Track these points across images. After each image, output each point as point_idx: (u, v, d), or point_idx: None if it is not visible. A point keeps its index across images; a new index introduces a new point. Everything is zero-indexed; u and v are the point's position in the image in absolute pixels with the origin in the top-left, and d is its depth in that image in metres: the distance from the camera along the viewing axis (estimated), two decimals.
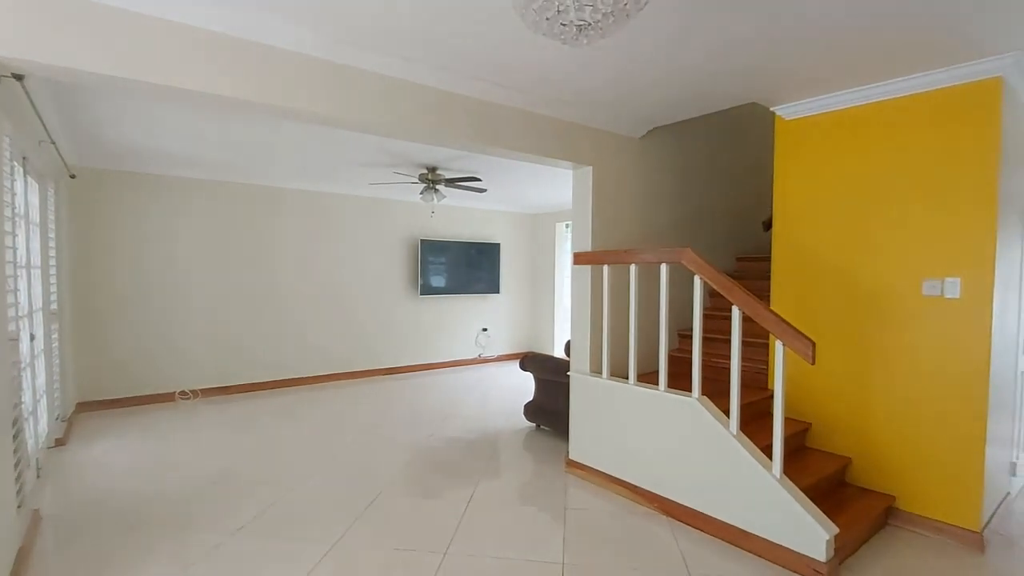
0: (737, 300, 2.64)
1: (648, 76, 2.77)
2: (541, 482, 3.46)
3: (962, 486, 2.66)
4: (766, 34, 2.31)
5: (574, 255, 3.54)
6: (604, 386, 3.33)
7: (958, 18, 2.14)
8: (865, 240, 2.99)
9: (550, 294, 8.16)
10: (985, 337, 2.58)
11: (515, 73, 2.74)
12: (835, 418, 3.13)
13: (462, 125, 2.87)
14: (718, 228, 4.56)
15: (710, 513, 2.74)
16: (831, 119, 3.10)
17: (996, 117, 2.54)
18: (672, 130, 4.00)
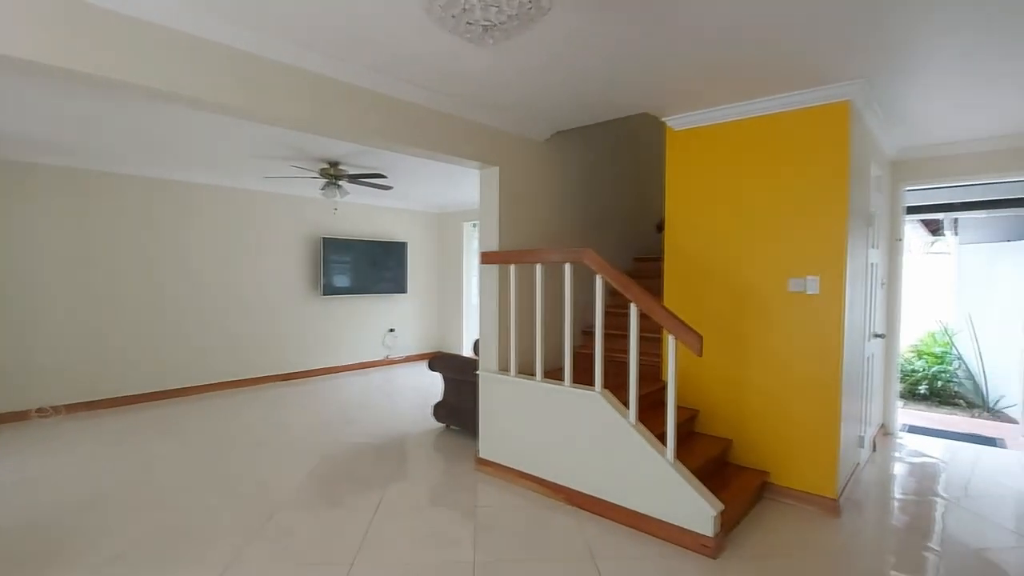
0: (634, 298, 2.80)
1: (548, 81, 2.85)
2: (451, 482, 3.45)
3: (821, 460, 3.03)
4: (651, 50, 2.46)
5: (481, 255, 3.56)
6: (512, 384, 3.39)
7: (811, 48, 2.42)
8: (741, 242, 3.29)
9: (458, 293, 8.16)
10: (839, 327, 2.95)
11: (421, 69, 2.70)
12: (718, 404, 3.42)
13: (365, 120, 2.77)
14: (617, 229, 4.80)
15: (612, 500, 2.90)
16: (713, 131, 3.38)
17: (845, 136, 2.91)
18: (575, 135, 4.15)
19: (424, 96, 2.97)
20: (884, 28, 2.23)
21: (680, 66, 2.65)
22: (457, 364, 4.39)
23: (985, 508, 3.13)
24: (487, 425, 3.55)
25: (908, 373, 6.00)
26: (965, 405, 5.69)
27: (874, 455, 4.02)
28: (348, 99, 2.69)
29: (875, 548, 2.69)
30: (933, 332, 6.41)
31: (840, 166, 2.93)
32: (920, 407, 5.68)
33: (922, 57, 2.53)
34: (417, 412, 5.09)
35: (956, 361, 6.03)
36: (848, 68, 2.66)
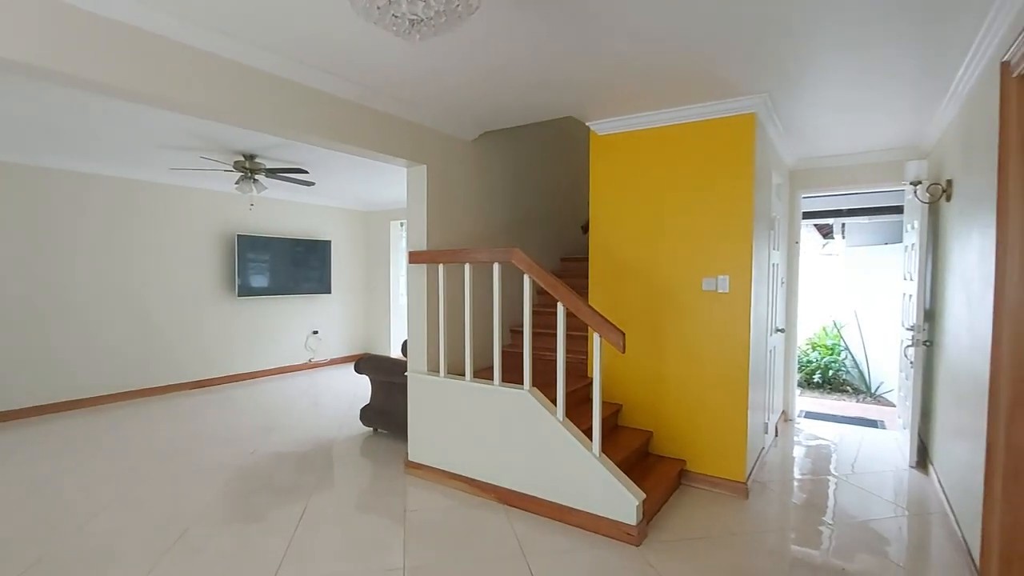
0: (561, 297, 2.88)
1: (473, 81, 2.87)
2: (380, 487, 3.38)
3: (732, 447, 3.26)
4: (574, 56, 2.54)
5: (409, 254, 3.52)
6: (441, 384, 3.37)
7: (721, 63, 2.61)
8: (661, 244, 3.47)
9: (386, 293, 7.98)
10: (747, 323, 3.19)
11: (345, 62, 2.62)
12: (640, 398, 3.59)
13: (286, 112, 2.64)
14: (545, 230, 4.90)
15: (542, 496, 2.96)
16: (634, 137, 3.54)
17: (751, 146, 3.15)
18: (504, 135, 4.19)
19: (349, 90, 2.88)
20: (782, 50, 2.45)
21: (601, 73, 2.76)
22: (385, 366, 4.30)
23: (869, 483, 3.51)
24: (416, 427, 3.51)
25: (804, 364, 6.59)
26: (852, 391, 6.34)
27: (776, 440, 4.38)
28: (268, 89, 2.56)
29: (779, 525, 2.94)
30: (825, 326, 7.07)
31: (746, 174, 3.17)
32: (815, 394, 6.26)
33: (814, 79, 2.80)
34: (343, 416, 4.93)
35: (844, 352, 6.69)
36: (753, 83, 2.88)
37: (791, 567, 2.51)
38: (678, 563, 2.50)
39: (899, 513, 3.10)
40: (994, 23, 2.10)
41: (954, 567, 2.49)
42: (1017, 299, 1.93)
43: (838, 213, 6.20)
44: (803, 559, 2.59)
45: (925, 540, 2.82)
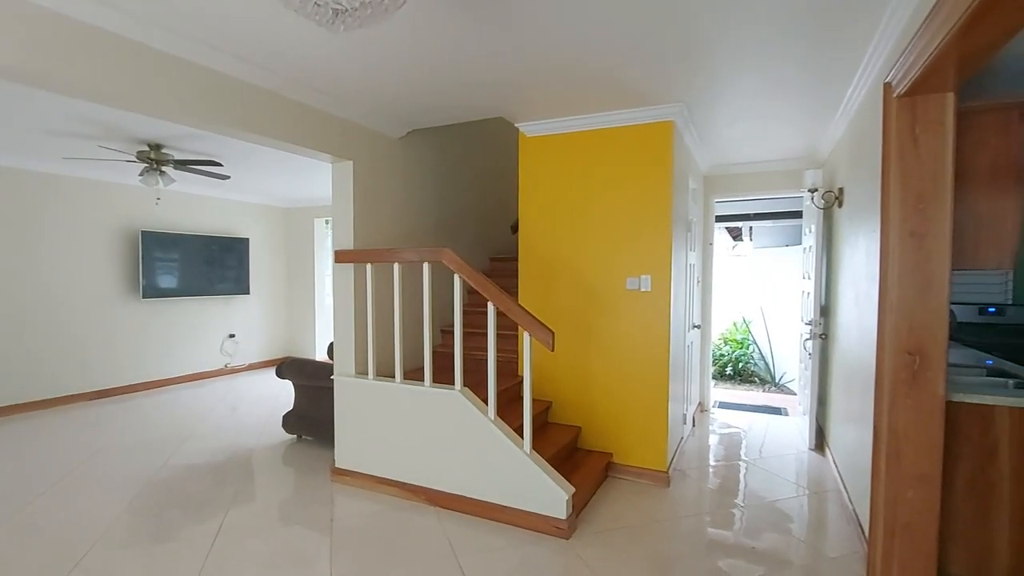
0: (492, 297, 2.90)
1: (399, 77, 2.82)
2: (304, 497, 3.24)
3: (654, 438, 3.43)
4: (501, 58, 2.57)
5: (335, 253, 3.40)
6: (370, 387, 3.29)
7: (639, 74, 2.73)
8: (588, 244, 3.58)
9: (310, 294, 7.66)
10: (666, 320, 3.36)
11: (265, 51, 2.48)
12: (569, 394, 3.68)
13: (198, 101, 2.47)
14: (475, 229, 4.91)
15: (473, 495, 2.96)
16: (562, 139, 3.62)
17: (669, 152, 3.32)
18: (433, 133, 4.15)
19: (266, 79, 2.74)
20: (694, 65, 2.61)
21: (529, 77, 2.80)
22: (309, 369, 4.13)
23: (774, 466, 3.81)
24: (344, 432, 3.40)
25: (718, 357, 7.04)
26: (759, 382, 6.85)
27: (694, 429, 4.65)
28: (169, 73, 2.37)
29: (696, 510, 3.13)
30: (736, 322, 7.58)
31: (666, 179, 3.34)
32: (727, 385, 6.71)
33: (723, 92, 3.00)
34: (264, 424, 4.68)
35: (752, 346, 7.22)
36: (671, 94, 3.04)
37: (707, 549, 2.67)
38: (605, 553, 2.60)
39: (800, 492, 3.39)
40: (878, 48, 2.34)
41: (847, 538, 2.76)
42: (897, 297, 2.17)
43: (746, 217, 6.69)
44: (718, 541, 2.77)
45: (823, 516, 3.10)
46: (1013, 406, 2.13)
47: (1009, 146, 2.19)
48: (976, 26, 1.51)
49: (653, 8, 2.09)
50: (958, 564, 2.22)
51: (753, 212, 6.46)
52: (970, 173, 2.20)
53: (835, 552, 2.63)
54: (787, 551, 2.65)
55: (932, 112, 2.08)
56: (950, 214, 2.07)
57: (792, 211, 6.05)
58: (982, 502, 2.19)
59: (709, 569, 2.48)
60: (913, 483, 2.16)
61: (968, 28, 1.52)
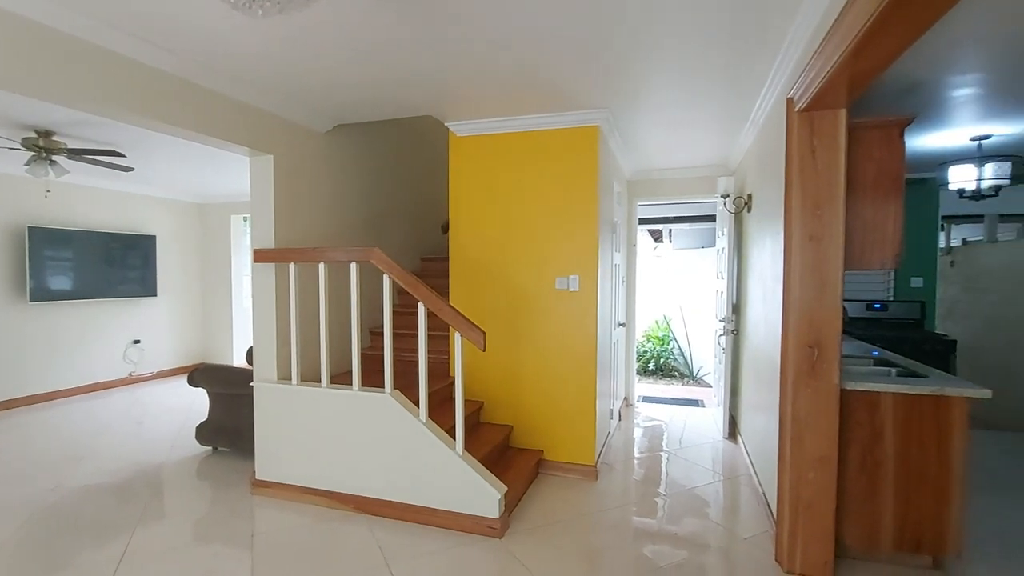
0: (422, 297, 2.87)
1: (321, 69, 2.72)
2: (221, 512, 3.05)
3: (583, 433, 3.53)
4: (428, 56, 2.56)
5: (254, 252, 3.22)
6: (294, 393, 3.15)
7: (568, 77, 2.81)
8: (518, 245, 3.62)
9: (227, 296, 7.20)
10: (594, 319, 3.47)
11: (170, 32, 2.31)
12: (501, 394, 3.71)
13: (81, 80, 2.23)
14: (405, 229, 4.83)
15: (405, 500, 2.92)
16: (493, 140, 3.64)
17: (595, 155, 3.43)
18: (361, 130, 4.03)
19: (175, 64, 2.55)
20: (617, 74, 2.72)
21: (459, 77, 2.80)
22: (226, 376, 3.88)
23: (693, 456, 4.04)
24: (265, 441, 3.23)
25: (641, 354, 7.35)
26: (679, 376, 7.23)
27: (620, 423, 4.83)
28: (56, 52, 2.15)
29: (623, 501, 3.25)
30: (657, 320, 7.95)
31: (592, 181, 3.45)
32: (650, 380, 7.03)
33: (645, 101, 3.15)
34: (175, 436, 4.35)
35: (672, 342, 7.60)
36: (596, 99, 3.14)
37: (634, 538, 2.79)
38: (537, 549, 2.64)
39: (716, 479, 3.61)
40: (781, 66, 2.54)
41: (758, 519, 2.97)
42: (799, 295, 2.36)
43: (667, 220, 7.04)
44: (643, 529, 2.90)
45: (736, 499, 3.32)
46: (896, 392, 2.39)
47: (891, 159, 2.45)
48: (863, 50, 1.68)
49: (577, 16, 2.15)
50: (851, 536, 2.46)
51: (673, 215, 6.81)
52: (858, 183, 2.44)
53: (748, 532, 2.83)
54: (705, 535, 2.82)
55: (827, 126, 2.29)
56: (842, 220, 2.29)
57: (708, 215, 6.43)
58: (871, 480, 2.44)
59: (635, 557, 2.59)
60: (814, 465, 2.37)
61: (857, 52, 1.68)
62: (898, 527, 2.42)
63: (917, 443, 2.38)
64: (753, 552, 2.63)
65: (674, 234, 8.14)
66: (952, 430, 2.34)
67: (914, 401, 2.37)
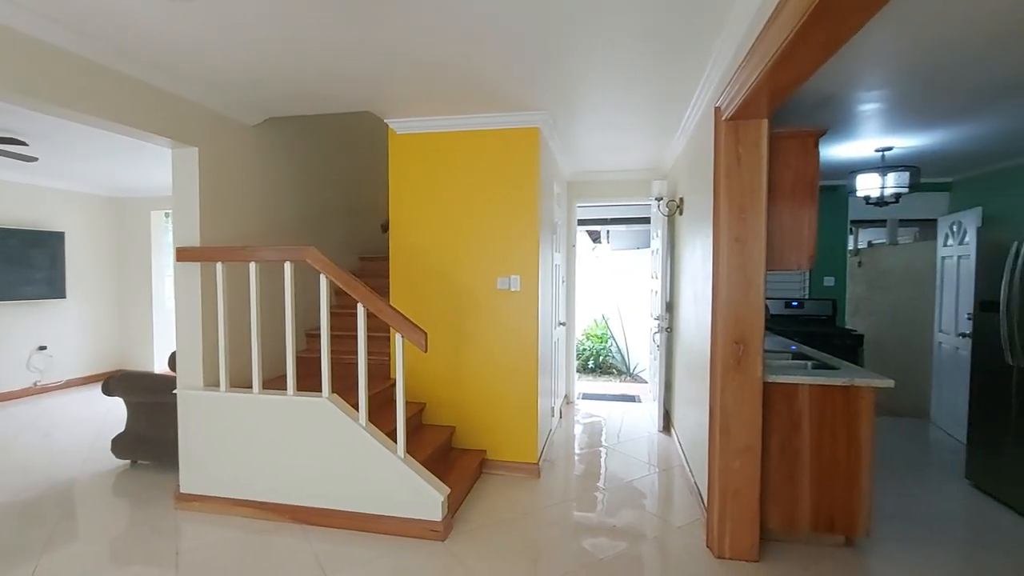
0: (361, 298, 2.80)
1: (254, 59, 2.61)
2: (142, 530, 2.85)
3: (525, 432, 3.57)
4: (365, 52, 2.51)
5: (177, 250, 3.03)
6: (223, 400, 2.99)
7: (508, 81, 2.83)
8: (459, 244, 3.61)
9: (147, 297, 6.72)
10: (535, 318, 3.52)
11: (81, 12, 2.14)
12: (443, 395, 3.69)
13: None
14: (343, 227, 4.69)
15: (345, 508, 2.84)
16: (434, 138, 3.61)
17: (536, 157, 3.48)
18: (295, 124, 3.88)
19: (87, 47, 2.36)
20: (556, 79, 2.77)
21: (398, 74, 2.75)
22: (146, 384, 3.63)
23: (630, 449, 4.18)
24: (191, 453, 3.05)
25: (581, 352, 7.52)
26: (617, 373, 7.45)
27: (561, 421, 4.92)
28: None
29: (564, 496, 3.31)
30: (596, 319, 8.16)
31: (533, 182, 3.49)
32: (589, 378, 7.20)
33: (583, 105, 3.23)
34: (88, 450, 4.02)
35: (610, 340, 7.82)
36: (537, 102, 3.19)
37: (575, 532, 2.85)
38: (480, 549, 2.65)
39: (652, 471, 3.75)
40: (710, 76, 2.68)
41: (690, 508, 3.12)
42: (726, 294, 2.50)
43: (604, 221, 7.24)
44: (583, 523, 2.97)
45: (670, 489, 3.47)
46: (811, 384, 2.58)
47: (807, 167, 2.64)
48: (782, 65, 1.80)
49: (517, 21, 2.18)
50: (773, 519, 2.63)
51: (610, 217, 7.01)
52: (778, 189, 2.61)
53: (681, 521, 2.97)
54: (642, 525, 2.93)
55: (751, 135, 2.44)
56: (764, 223, 2.45)
57: (644, 217, 6.66)
58: (790, 466, 2.61)
59: (576, 551, 2.65)
60: (740, 454, 2.52)
61: (777, 67, 1.80)
62: (814, 509, 2.61)
63: (830, 431, 2.58)
64: (686, 540, 2.76)
65: (612, 235, 8.39)
66: (860, 418, 2.55)
67: (827, 392, 2.57)
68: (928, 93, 2.84)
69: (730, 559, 2.54)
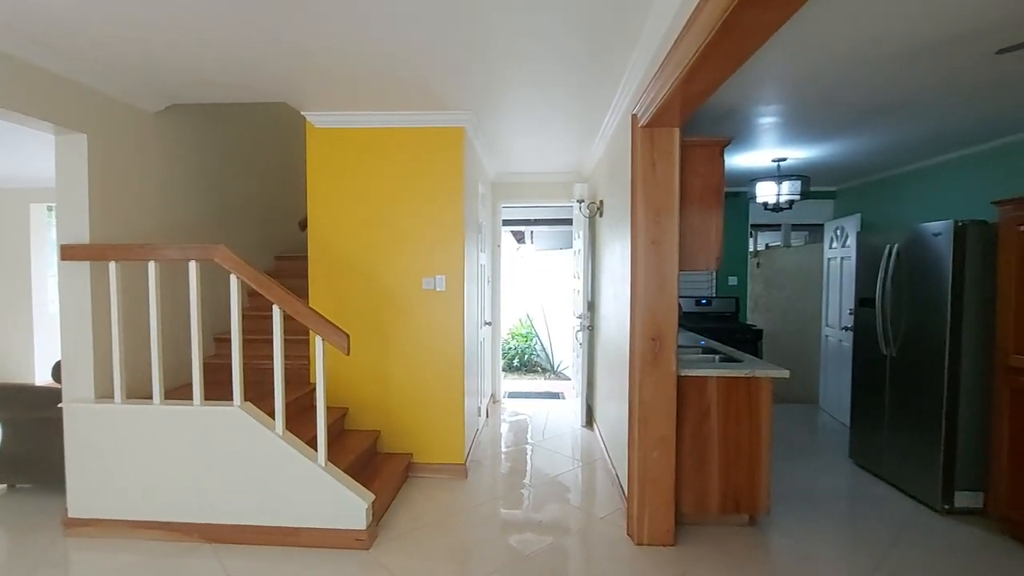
0: (277, 299, 2.66)
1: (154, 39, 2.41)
2: (24, 562, 2.54)
3: (452, 432, 3.55)
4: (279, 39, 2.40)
5: (62, 248, 2.72)
6: (119, 413, 2.72)
7: (432, 80, 2.82)
8: (383, 244, 3.53)
9: (24, 300, 5.97)
10: (460, 318, 3.51)
11: None
12: (367, 399, 3.59)
13: None
14: (258, 225, 4.43)
15: (262, 523, 2.68)
16: (356, 134, 3.50)
17: (460, 156, 3.47)
18: (204, 112, 3.62)
19: None
20: (481, 79, 2.80)
21: (318, 64, 2.65)
22: (24, 398, 3.23)
23: (555, 445, 4.28)
24: (80, 472, 2.75)
25: (506, 351, 7.60)
26: (542, 371, 7.61)
27: (488, 420, 4.95)
28: None
29: (491, 495, 3.34)
30: (521, 318, 8.28)
31: (457, 182, 3.49)
32: (515, 376, 7.30)
33: (507, 108, 3.28)
34: None
35: (535, 339, 7.97)
36: (462, 101, 3.19)
37: (501, 530, 2.88)
38: (408, 554, 2.60)
39: (576, 465, 3.87)
40: (627, 85, 2.81)
41: (612, 499, 3.25)
42: (643, 293, 2.63)
43: (528, 222, 7.37)
44: (510, 520, 3.00)
45: (593, 482, 3.59)
46: (719, 376, 2.77)
47: (714, 174, 2.84)
48: (692, 78, 1.92)
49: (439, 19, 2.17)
50: (687, 504, 2.81)
51: (534, 218, 7.14)
52: (688, 194, 2.79)
53: (604, 512, 3.08)
54: (567, 519, 3.01)
55: (665, 143, 2.58)
56: (677, 226, 2.60)
57: (567, 218, 6.85)
58: (701, 454, 2.80)
59: (504, 548, 2.68)
60: (657, 444, 2.66)
61: (688, 79, 1.93)
62: (722, 492, 2.81)
63: (735, 419, 2.79)
64: (608, 529, 2.87)
65: (536, 235, 8.54)
66: (761, 406, 2.78)
67: (732, 383, 2.78)
68: (815, 110, 3.15)
69: (648, 545, 2.67)
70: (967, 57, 2.34)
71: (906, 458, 3.30)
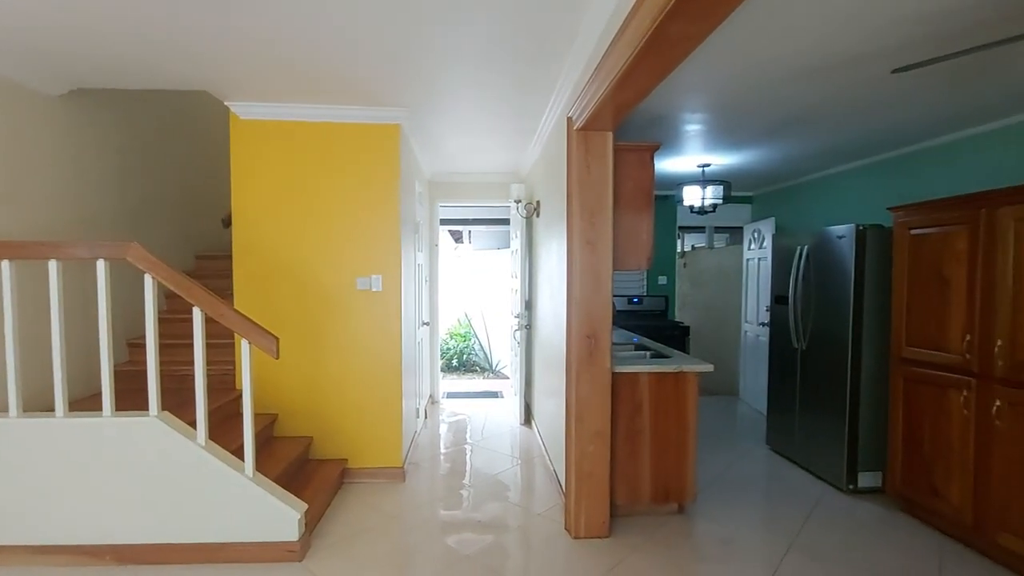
0: (197, 301, 2.50)
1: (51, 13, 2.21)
2: None
3: (389, 436, 3.49)
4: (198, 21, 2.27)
5: None
6: (14, 428, 2.46)
7: (367, 74, 2.75)
8: (315, 243, 3.41)
9: None
10: (398, 318, 3.45)
11: None
12: (298, 404, 3.45)
13: None
14: (176, 222, 4.14)
15: (185, 540, 2.51)
16: (284, 127, 3.35)
17: (396, 154, 3.41)
18: (111, 97, 3.33)
19: None
20: (416, 78, 2.76)
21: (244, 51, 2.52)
22: None
23: (494, 444, 4.30)
24: None
25: (445, 351, 7.54)
26: (480, 370, 7.61)
27: (426, 421, 4.90)
28: None
29: (430, 497, 3.30)
30: (459, 318, 8.24)
31: (393, 179, 3.42)
32: (453, 376, 7.26)
33: (443, 107, 3.27)
34: None
35: (474, 338, 7.96)
36: (398, 98, 3.13)
37: (441, 531, 2.86)
38: (342, 563, 2.53)
39: (515, 463, 3.91)
40: (562, 89, 2.87)
41: (550, 493, 3.31)
42: (579, 292, 2.70)
43: (466, 222, 7.35)
44: (449, 521, 2.99)
45: (532, 479, 3.64)
46: (649, 372, 2.89)
47: (644, 177, 2.96)
48: (624, 85, 2.00)
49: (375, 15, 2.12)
50: (621, 496, 2.91)
51: (472, 217, 7.13)
52: (620, 197, 2.89)
53: (542, 508, 3.13)
54: (506, 516, 3.04)
55: (599, 146, 2.66)
56: (611, 227, 2.69)
57: (504, 218, 6.89)
58: (633, 447, 2.91)
59: (443, 550, 2.66)
60: (593, 439, 2.74)
61: (619, 85, 2.00)
62: (653, 483, 2.94)
63: (664, 413, 2.92)
64: (546, 525, 2.92)
65: (474, 235, 8.54)
66: (687, 399, 2.93)
67: (662, 378, 2.91)
68: (734, 119, 3.35)
69: (585, 537, 2.75)
70: (866, 75, 2.58)
71: (815, 443, 3.59)
